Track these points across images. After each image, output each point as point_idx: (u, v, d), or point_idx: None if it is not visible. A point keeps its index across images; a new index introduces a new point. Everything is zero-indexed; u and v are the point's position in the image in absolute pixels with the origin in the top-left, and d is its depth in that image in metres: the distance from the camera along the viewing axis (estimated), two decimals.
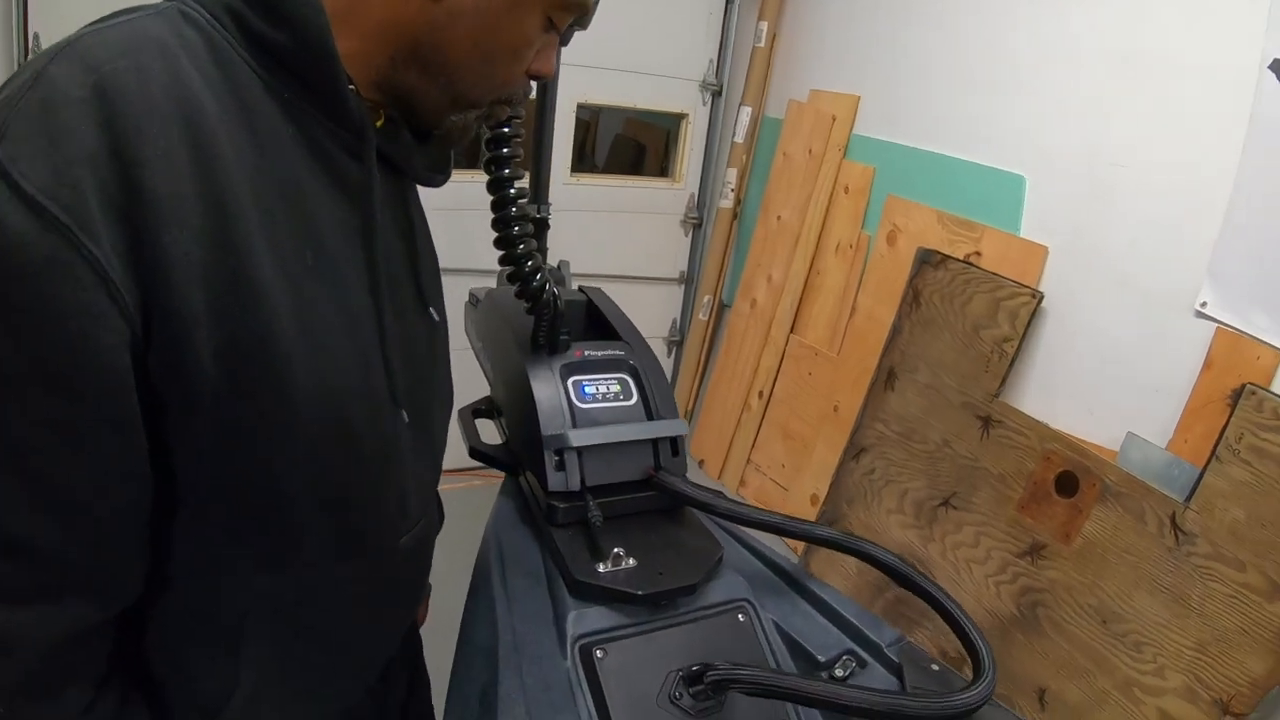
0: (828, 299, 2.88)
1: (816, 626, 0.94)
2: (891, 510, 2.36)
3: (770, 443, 3.16)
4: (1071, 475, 1.92)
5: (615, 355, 1.07)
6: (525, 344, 1.04)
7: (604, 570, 0.87)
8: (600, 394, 1.02)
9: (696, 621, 0.88)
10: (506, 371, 1.12)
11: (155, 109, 0.55)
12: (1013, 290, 2.08)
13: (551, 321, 1.00)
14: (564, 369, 1.02)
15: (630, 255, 3.38)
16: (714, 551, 0.94)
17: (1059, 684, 1.91)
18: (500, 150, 0.89)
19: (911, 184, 2.54)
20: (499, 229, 0.90)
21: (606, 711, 0.78)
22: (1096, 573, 1.85)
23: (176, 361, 0.57)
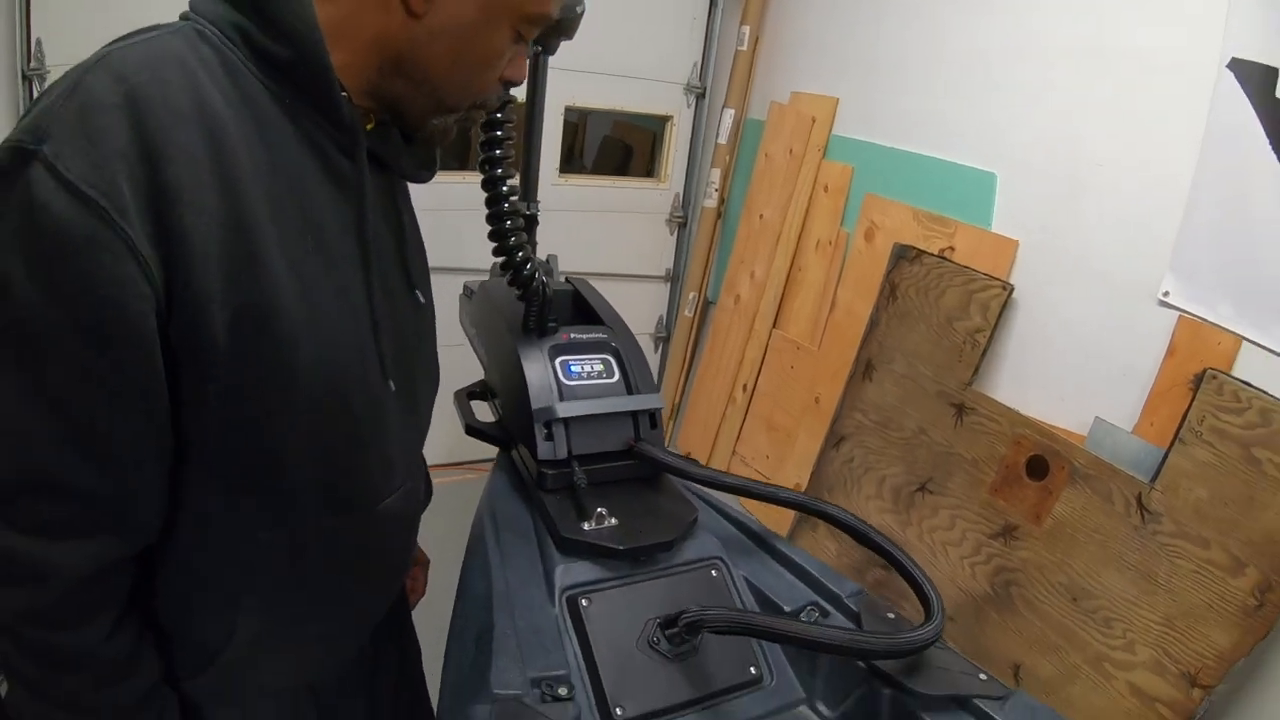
0: (808, 294, 2.95)
1: (783, 581, 1.01)
2: (870, 496, 2.43)
3: (754, 435, 3.22)
4: (1041, 459, 1.98)
5: (599, 338, 1.15)
6: (517, 328, 1.12)
7: (589, 528, 0.95)
8: (585, 372, 1.10)
9: (673, 576, 0.95)
10: (499, 354, 1.19)
11: (178, 113, 0.63)
12: (984, 283, 2.16)
13: (541, 307, 1.08)
14: (552, 350, 1.10)
15: (618, 254, 3.44)
16: (689, 513, 1.02)
17: (1032, 660, 1.96)
18: (493, 151, 0.98)
19: (888, 182, 2.61)
20: (493, 223, 0.98)
21: (591, 653, 0.85)
22: (1066, 552, 1.91)
23: (194, 328, 0.65)
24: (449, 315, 1.48)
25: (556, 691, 0.78)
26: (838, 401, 2.56)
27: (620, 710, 0.82)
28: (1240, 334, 1.77)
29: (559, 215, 3.19)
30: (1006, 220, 2.24)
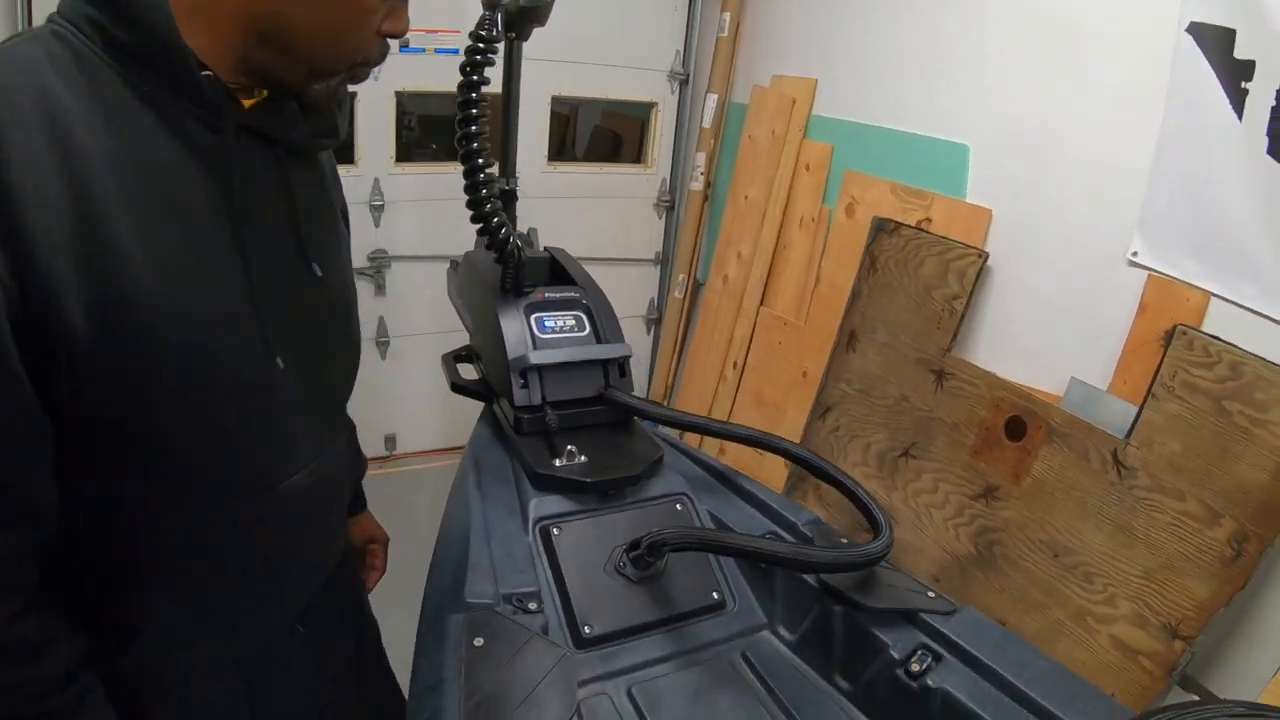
0: (794, 270, 2.99)
1: (744, 514, 1.06)
2: (856, 463, 2.47)
3: (745, 410, 3.26)
4: (1019, 420, 2.01)
5: (571, 296, 1.21)
6: (496, 290, 1.17)
7: (560, 464, 1.00)
8: (558, 326, 1.16)
9: (640, 509, 1.01)
10: (480, 314, 1.25)
11: (19, 118, 0.66)
12: (960, 251, 2.19)
13: (516, 269, 1.14)
14: (528, 308, 1.16)
15: (608, 238, 3.48)
16: (655, 452, 1.07)
17: (1017, 617, 1.98)
18: (469, 128, 1.03)
19: (866, 158, 2.65)
20: (470, 193, 1.04)
21: (561, 576, 0.90)
22: (1046, 510, 1.94)
23: (52, 319, 0.68)
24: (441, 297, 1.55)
25: (526, 606, 0.83)
26: (823, 373, 2.60)
27: (588, 629, 0.87)
28: (1208, 289, 1.79)
29: (550, 202, 3.24)
30: (980, 191, 2.28)
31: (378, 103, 2.83)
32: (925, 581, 2.17)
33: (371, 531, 1.33)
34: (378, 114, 2.86)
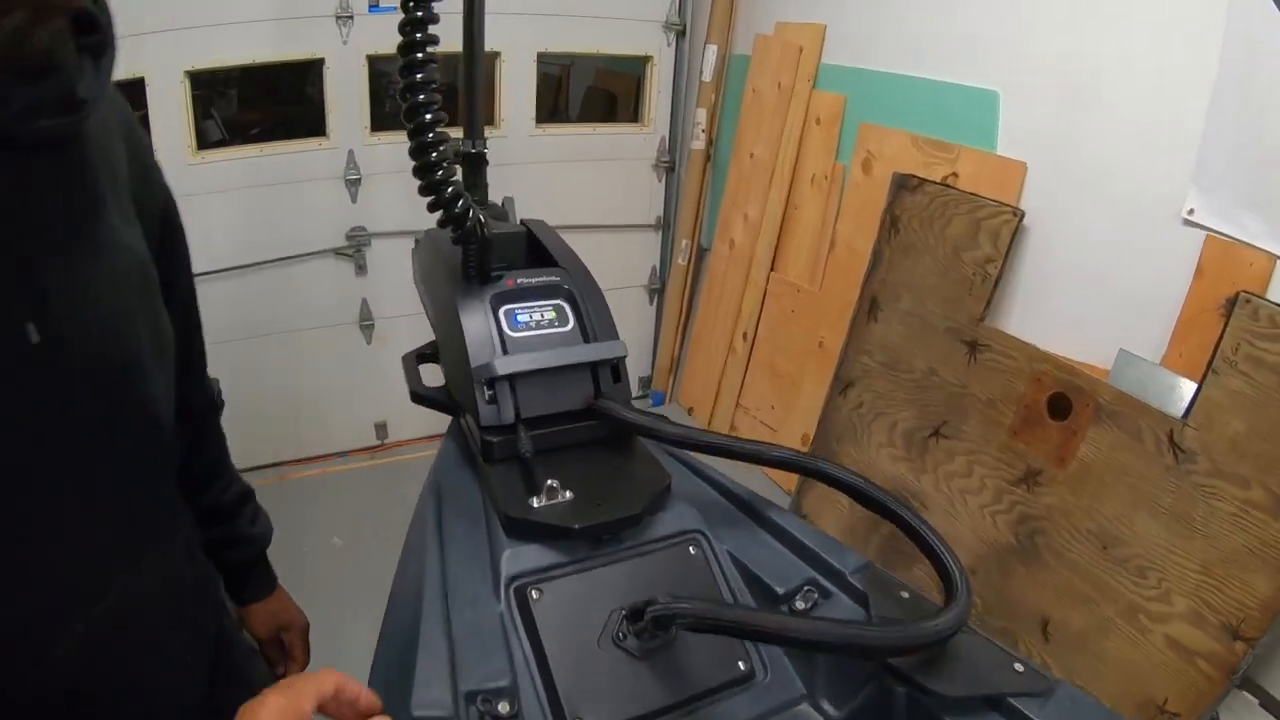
0: (806, 233, 2.79)
1: (775, 556, 0.85)
2: (882, 444, 2.28)
3: (757, 384, 3.08)
4: (1064, 397, 1.83)
5: (549, 281, 1.00)
6: (456, 276, 0.97)
7: (538, 505, 0.79)
8: (534, 321, 0.96)
9: (643, 556, 0.80)
10: (439, 306, 1.05)
11: None
12: (992, 209, 1.99)
13: (480, 250, 0.94)
14: (495, 299, 0.95)
15: (604, 204, 3.27)
16: (660, 480, 0.86)
17: (1062, 613, 1.84)
18: (413, 76, 0.81)
19: (883, 109, 2.44)
20: (416, 157, 0.83)
21: (543, 654, 0.70)
22: (1094, 497, 1.78)
23: None
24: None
25: (496, 709, 0.63)
26: (842, 345, 2.40)
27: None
28: (1273, 252, 1.62)
29: (540, 167, 3.04)
30: (1012, 142, 2.08)
31: (348, 69, 2.62)
32: None
33: (283, 618, 1.10)
34: (348, 81, 2.64)
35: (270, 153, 2.67)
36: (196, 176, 2.58)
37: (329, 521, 2.78)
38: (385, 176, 2.78)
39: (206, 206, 2.62)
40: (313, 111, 2.76)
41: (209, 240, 2.67)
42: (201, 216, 2.61)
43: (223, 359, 2.80)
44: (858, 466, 2.34)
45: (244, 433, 2.94)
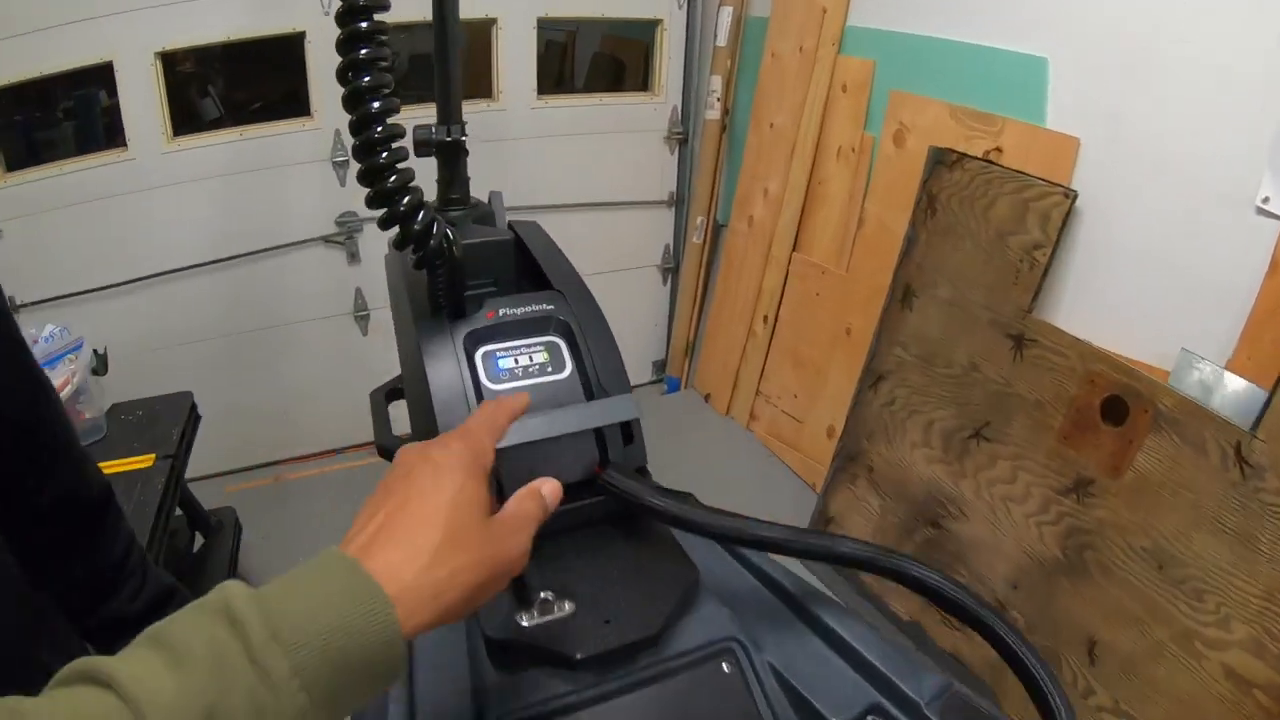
0: (832, 210, 2.64)
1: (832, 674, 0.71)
2: (916, 444, 2.15)
3: (779, 371, 2.95)
4: (1119, 400, 1.69)
5: (541, 311, 0.85)
6: (422, 305, 0.83)
7: (529, 624, 0.66)
8: (520, 368, 0.81)
9: (664, 679, 0.67)
10: (402, 344, 0.91)
11: None
12: (1042, 190, 1.83)
13: (450, 275, 0.79)
14: (469, 339, 0.81)
15: (613, 179, 3.12)
16: (684, 575, 0.72)
17: (1110, 635, 1.73)
18: (354, 51, 0.68)
19: (917, 76, 2.27)
20: (361, 157, 0.68)
21: None
22: (1150, 511, 1.65)
23: None
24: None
25: None
26: (873, 333, 2.26)
27: None
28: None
29: (543, 142, 2.89)
30: (1063, 114, 1.91)
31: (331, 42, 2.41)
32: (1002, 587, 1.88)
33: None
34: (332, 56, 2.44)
35: (251, 136, 2.52)
36: (173, 165, 2.46)
37: (327, 529, 2.68)
38: None
39: (185, 197, 2.50)
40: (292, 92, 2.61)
41: (189, 233, 2.56)
42: (180, 208, 2.51)
43: (210, 358, 2.74)
44: (889, 466, 2.22)
45: (236, 433, 2.89)
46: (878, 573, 0.69)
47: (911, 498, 2.17)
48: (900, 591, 2.22)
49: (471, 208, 1.09)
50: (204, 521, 2.10)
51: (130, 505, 1.53)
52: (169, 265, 2.57)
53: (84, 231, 2.44)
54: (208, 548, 2.07)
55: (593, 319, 0.87)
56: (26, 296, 2.43)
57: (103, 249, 2.49)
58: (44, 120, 2.53)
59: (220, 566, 1.99)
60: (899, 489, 2.21)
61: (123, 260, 2.52)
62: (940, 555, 2.09)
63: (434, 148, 1.04)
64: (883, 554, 0.69)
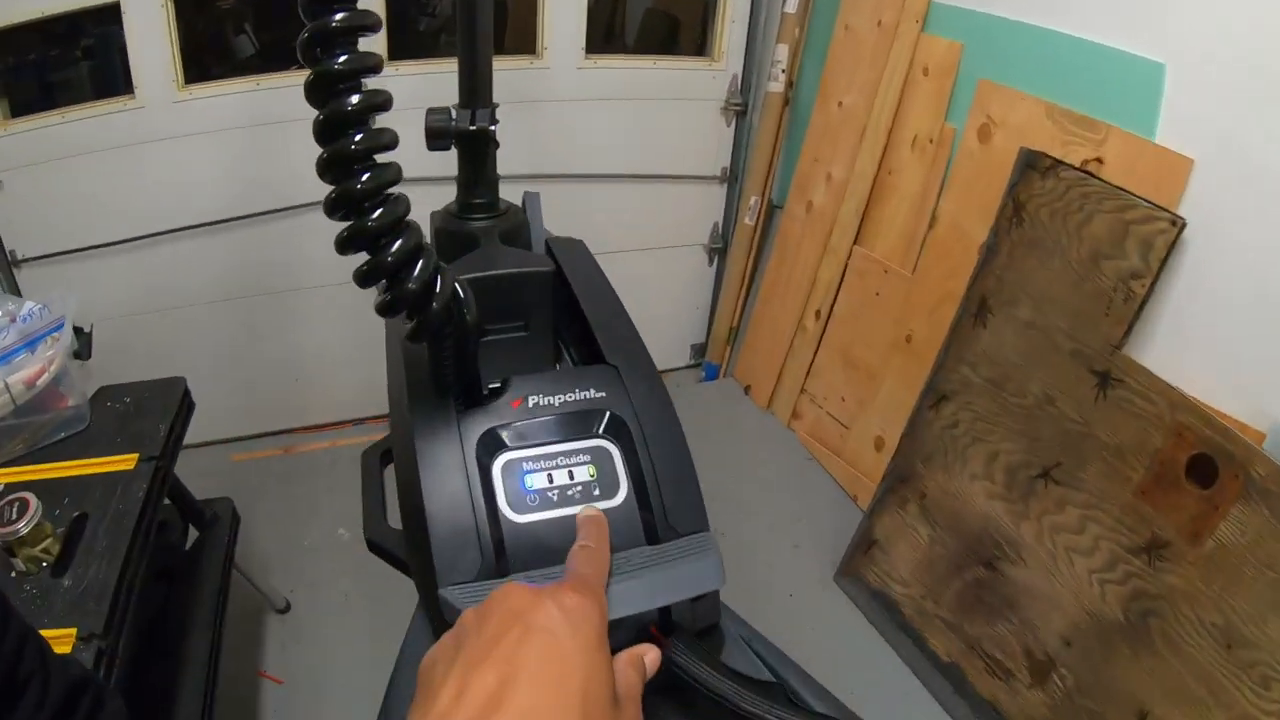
0: (901, 204, 2.52)
1: None
2: (977, 475, 2.06)
3: (828, 371, 2.87)
4: (1208, 460, 1.59)
5: (587, 402, 0.69)
6: (421, 385, 0.67)
7: None
8: (556, 490, 0.64)
9: None
10: (396, 432, 0.77)
11: None
12: (1147, 212, 1.71)
13: (459, 351, 0.62)
14: (485, 441, 0.64)
15: (663, 150, 3.01)
16: None
17: (1164, 710, 1.66)
18: (325, 17, 0.47)
19: (1011, 66, 2.14)
20: (327, 174, 0.51)
21: None
22: (1227, 587, 1.56)
23: None
24: None
25: None
26: (940, 347, 2.16)
27: None
28: None
29: (589, 106, 2.79)
30: (1177, 129, 1.77)
31: None
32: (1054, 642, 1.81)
33: None
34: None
35: (268, 86, 2.44)
36: (184, 116, 2.39)
37: (336, 506, 2.66)
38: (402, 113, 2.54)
39: (196, 150, 2.44)
40: None
41: (200, 189, 2.50)
42: (190, 163, 2.45)
43: (219, 320, 2.70)
44: (945, 495, 2.14)
45: (245, 399, 2.87)
46: None
47: (965, 532, 2.09)
48: (941, 630, 2.16)
49: (500, 215, 0.92)
50: (198, 515, 2.04)
51: (107, 514, 1.45)
52: (178, 223, 2.52)
53: (89, 184, 2.39)
54: (202, 543, 2.01)
55: (658, 408, 0.70)
56: (27, 251, 2.39)
57: (108, 203, 2.44)
58: (61, 59, 2.47)
59: (215, 564, 1.93)
60: (953, 521, 2.13)
61: (129, 216, 2.47)
62: (990, 599, 2.02)
63: (454, 139, 0.86)
64: None
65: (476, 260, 0.77)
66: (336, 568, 2.45)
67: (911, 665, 2.23)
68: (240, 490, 2.40)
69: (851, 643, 2.32)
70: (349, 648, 2.24)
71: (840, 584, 2.49)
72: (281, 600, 2.33)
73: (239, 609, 2.24)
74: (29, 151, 2.29)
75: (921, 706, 2.14)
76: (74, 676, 0.77)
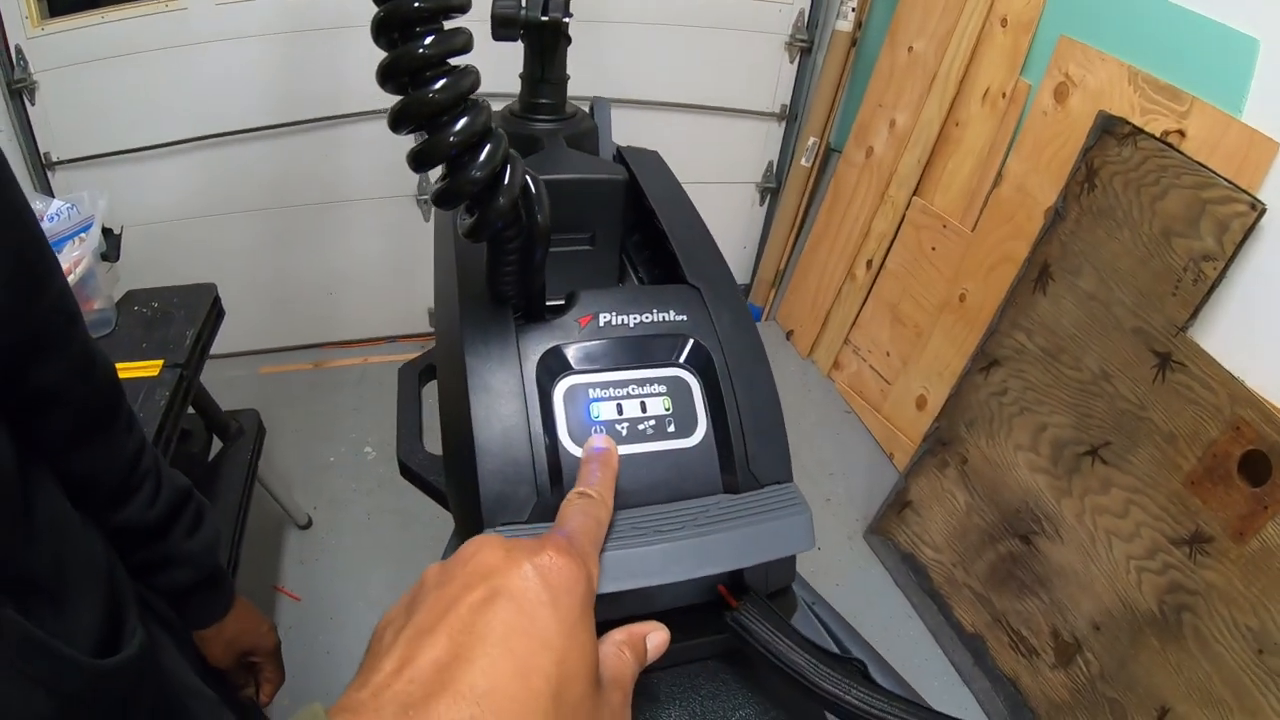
0: (965, 159, 2.49)
1: None
2: (1022, 446, 2.08)
3: (874, 323, 2.87)
4: (1263, 457, 1.59)
5: (667, 324, 0.61)
6: (475, 294, 0.60)
7: None
8: (626, 422, 0.57)
9: None
10: (442, 343, 0.71)
11: None
12: (1226, 192, 1.68)
13: (524, 256, 0.55)
14: (546, 362, 0.58)
15: (721, 84, 2.97)
16: None
17: (1186, 708, 1.69)
18: None
19: (1095, 24, 2.09)
20: (383, 36, 0.45)
21: None
22: (1266, 590, 1.57)
23: None
24: None
25: None
26: (995, 310, 2.16)
27: None
28: None
29: (648, 30, 2.75)
30: (1265, 109, 1.73)
31: None
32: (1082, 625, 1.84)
33: (245, 643, 0.98)
34: None
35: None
36: (227, 19, 2.38)
37: (364, 424, 2.72)
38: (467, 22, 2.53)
39: (239, 55, 2.43)
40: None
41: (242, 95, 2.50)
42: (233, 67, 2.44)
43: (254, 230, 2.73)
44: (986, 463, 2.16)
45: (277, 311, 2.92)
46: None
47: (1004, 504, 2.12)
48: (969, 600, 2.20)
49: (568, 118, 0.84)
50: (222, 426, 2.07)
51: None
52: (217, 128, 2.53)
53: (126, 88, 2.40)
54: (224, 454, 2.05)
55: (746, 340, 0.62)
56: (62, 154, 2.42)
57: (146, 108, 2.44)
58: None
59: (238, 476, 1.97)
60: (992, 490, 2.15)
61: (167, 120, 2.48)
62: (1022, 574, 2.05)
63: (522, 28, 0.78)
64: None
65: (541, 163, 0.70)
66: (361, 487, 2.50)
67: (934, 632, 2.28)
68: (267, 403, 2.45)
69: (875, 603, 2.36)
70: (368, 568, 2.28)
71: (870, 542, 2.53)
72: (304, 516, 2.38)
73: (259, 523, 2.30)
74: (66, 52, 2.30)
75: (940, 675, 2.19)
76: (181, 486, 0.88)
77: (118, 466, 0.80)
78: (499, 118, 0.84)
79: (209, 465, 2.05)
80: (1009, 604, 2.09)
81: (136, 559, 0.84)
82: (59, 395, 0.70)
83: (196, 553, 0.89)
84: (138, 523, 0.82)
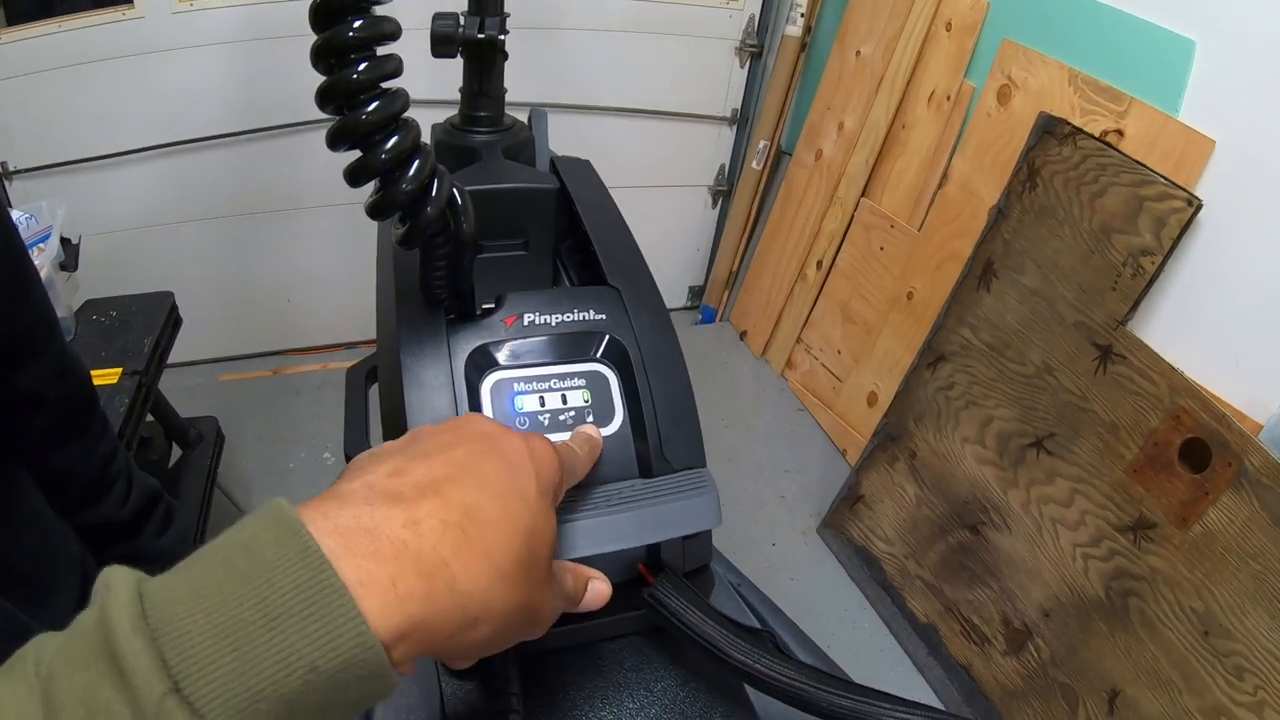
0: (912, 160, 2.49)
1: None
2: (969, 439, 2.08)
3: (826, 322, 2.86)
4: (1202, 445, 1.60)
5: (586, 323, 0.65)
6: (410, 296, 0.63)
7: None
8: (547, 413, 0.61)
9: None
10: (382, 339, 0.74)
11: None
12: (1163, 189, 1.69)
13: (453, 261, 0.58)
14: (474, 359, 0.61)
15: (673, 88, 2.94)
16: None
17: (1136, 691, 1.69)
18: None
19: (1037, 28, 2.09)
20: (321, 62, 0.47)
21: None
22: (1210, 574, 1.58)
23: None
24: None
25: None
26: (941, 308, 2.16)
27: None
28: None
29: (598, 36, 2.71)
30: (1201, 108, 1.75)
31: None
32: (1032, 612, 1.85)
33: None
34: None
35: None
36: (185, 27, 2.32)
37: (324, 429, 2.66)
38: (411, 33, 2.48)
39: (197, 63, 2.37)
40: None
41: (199, 103, 2.44)
42: (188, 76, 2.39)
43: (212, 237, 2.67)
44: (934, 456, 2.16)
45: (236, 319, 2.86)
46: None
47: (953, 495, 2.12)
48: (921, 591, 2.20)
49: (505, 130, 0.85)
50: (181, 433, 2.03)
51: None
52: (176, 136, 2.47)
53: (84, 96, 2.34)
54: (184, 462, 2.00)
55: (660, 336, 0.66)
56: (20, 163, 2.35)
57: (103, 116, 2.38)
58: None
59: (198, 483, 1.93)
60: (941, 483, 2.15)
61: (124, 129, 2.42)
62: (972, 564, 2.05)
63: (460, 46, 0.79)
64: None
65: (477, 173, 0.73)
66: (319, 491, 2.43)
67: (889, 623, 2.27)
68: (227, 410, 2.40)
69: (830, 596, 2.35)
70: None
71: (823, 536, 2.52)
72: None
73: (220, 529, 2.24)
74: (24, 61, 2.24)
75: (895, 665, 2.18)
76: (151, 488, 0.91)
77: (93, 466, 0.85)
78: (440, 129, 0.88)
79: (169, 472, 2.01)
80: (960, 594, 2.09)
81: (108, 556, 0.85)
82: (40, 397, 0.74)
83: (166, 551, 0.95)
84: (111, 521, 0.87)
